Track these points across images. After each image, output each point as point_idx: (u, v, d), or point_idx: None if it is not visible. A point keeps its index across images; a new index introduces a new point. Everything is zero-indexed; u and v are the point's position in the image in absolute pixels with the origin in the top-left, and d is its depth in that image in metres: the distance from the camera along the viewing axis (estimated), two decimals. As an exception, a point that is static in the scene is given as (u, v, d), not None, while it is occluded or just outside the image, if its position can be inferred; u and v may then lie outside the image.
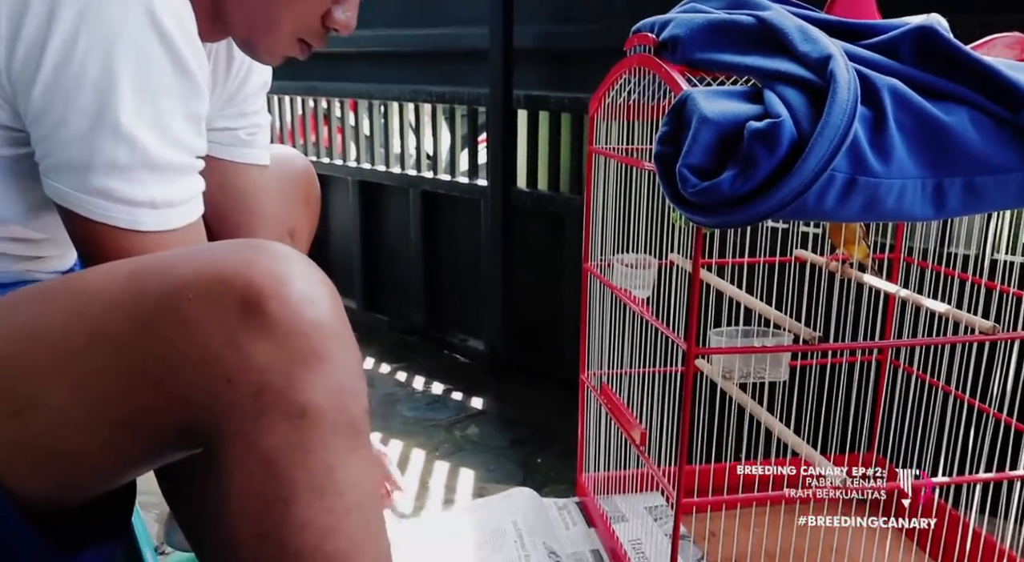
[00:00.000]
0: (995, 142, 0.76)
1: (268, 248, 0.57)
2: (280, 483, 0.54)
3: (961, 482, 0.92)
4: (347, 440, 0.56)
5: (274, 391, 0.53)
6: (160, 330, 0.54)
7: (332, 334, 0.56)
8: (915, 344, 1.10)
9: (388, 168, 2.22)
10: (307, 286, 0.55)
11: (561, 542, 1.14)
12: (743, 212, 0.71)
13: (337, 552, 0.56)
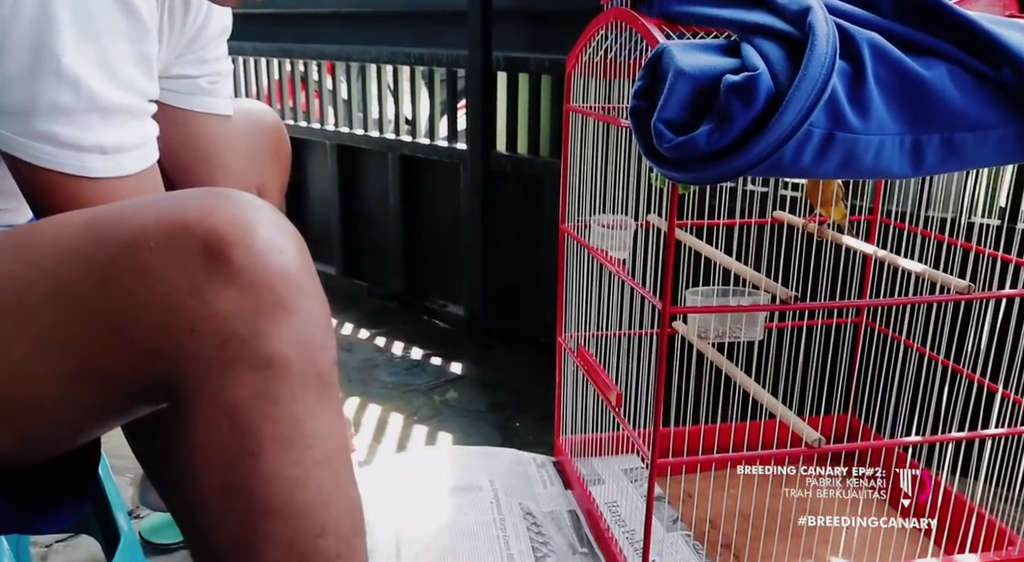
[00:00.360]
0: (975, 98, 0.75)
1: (232, 195, 0.55)
2: (247, 435, 0.53)
3: (934, 441, 0.93)
4: (315, 391, 0.55)
5: (239, 341, 0.52)
6: (120, 280, 0.53)
7: (299, 283, 0.54)
8: (891, 304, 1.10)
9: (367, 132, 2.19)
10: (273, 234, 0.54)
11: (538, 501, 1.14)
12: (719, 167, 0.69)
13: (307, 504, 0.55)
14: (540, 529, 1.07)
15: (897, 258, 0.95)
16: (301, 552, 0.55)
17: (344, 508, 0.58)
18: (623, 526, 1.00)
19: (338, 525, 0.57)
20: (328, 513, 0.56)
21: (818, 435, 0.84)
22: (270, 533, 0.54)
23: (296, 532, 0.55)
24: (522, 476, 1.20)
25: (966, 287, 0.84)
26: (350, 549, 0.59)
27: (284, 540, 0.54)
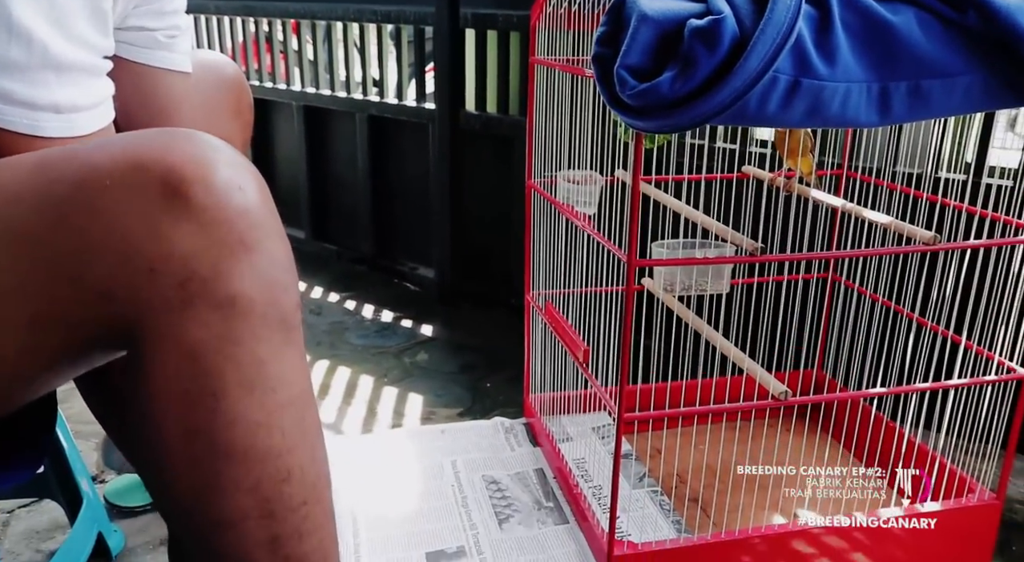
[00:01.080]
0: (942, 44, 0.74)
1: (190, 135, 0.53)
2: (208, 377, 0.51)
3: (897, 392, 0.93)
4: (279, 333, 0.53)
5: (200, 281, 0.50)
6: (73, 221, 0.50)
7: (261, 222, 0.53)
8: (856, 255, 1.10)
9: (334, 93, 2.14)
10: (233, 172, 0.52)
11: (506, 465, 1.14)
12: (683, 114, 0.68)
13: (271, 449, 0.54)
14: (504, 493, 1.07)
15: (864, 210, 0.94)
16: (266, 498, 0.54)
17: (309, 454, 0.57)
18: (591, 482, 1.00)
19: (304, 471, 0.56)
20: (293, 459, 0.55)
21: (784, 388, 0.84)
22: (234, 479, 0.53)
23: (261, 478, 0.53)
24: (488, 447, 1.19)
25: (932, 238, 0.84)
26: (316, 495, 0.57)
27: (248, 486, 0.53)
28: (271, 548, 0.55)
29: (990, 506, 0.96)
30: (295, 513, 0.56)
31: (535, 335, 1.17)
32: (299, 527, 0.56)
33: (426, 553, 0.97)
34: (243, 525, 0.54)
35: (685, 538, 0.90)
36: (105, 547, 1.01)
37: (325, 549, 0.59)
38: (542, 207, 1.10)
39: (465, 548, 0.97)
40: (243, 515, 0.54)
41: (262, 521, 0.54)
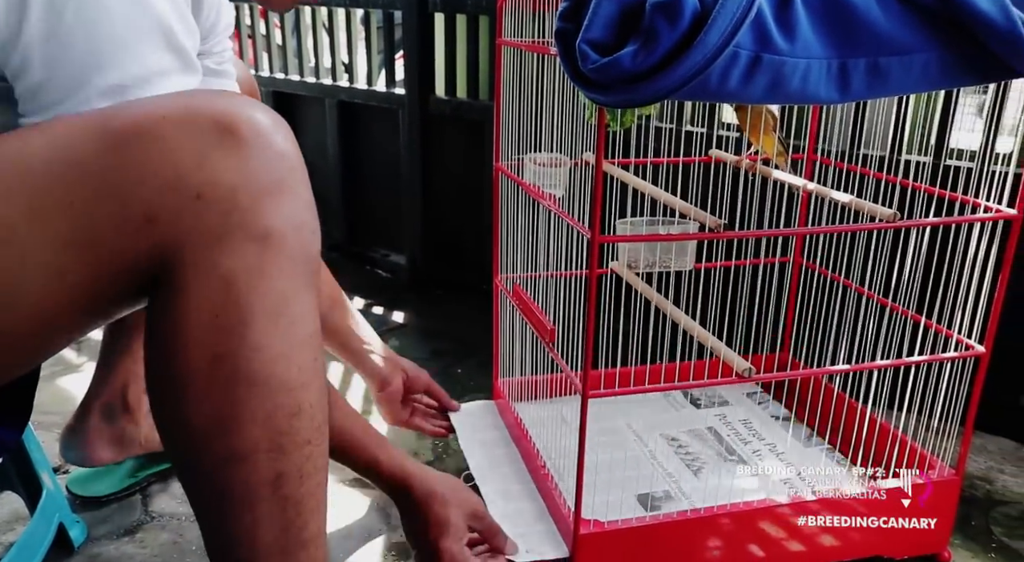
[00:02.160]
0: (899, 22, 0.74)
1: (236, 92, 0.62)
2: (238, 306, 0.54)
3: (859, 369, 0.95)
4: (303, 274, 0.57)
5: (241, 212, 0.54)
6: (129, 146, 0.54)
7: (297, 167, 0.57)
8: (816, 232, 1.12)
9: (303, 78, 2.12)
10: (275, 119, 0.57)
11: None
12: (644, 89, 0.68)
13: (288, 382, 0.57)
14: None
15: (826, 190, 0.95)
16: (277, 431, 0.57)
17: (319, 394, 0.60)
18: (557, 463, 1.00)
19: (313, 409, 0.59)
20: (305, 395, 0.58)
21: (748, 365, 0.84)
22: (251, 408, 0.56)
23: (275, 409, 0.56)
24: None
25: (891, 215, 0.85)
26: (319, 437, 0.61)
27: (262, 416, 0.56)
28: (274, 486, 0.58)
29: (950, 482, 0.97)
30: (300, 450, 0.59)
31: (503, 318, 1.17)
32: (301, 467, 0.59)
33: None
34: (253, 458, 0.57)
35: (651, 516, 0.91)
36: (67, 538, 0.99)
37: (319, 496, 0.62)
38: (510, 189, 1.09)
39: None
40: (254, 447, 0.56)
41: (271, 455, 0.57)
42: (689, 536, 0.91)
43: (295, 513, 0.60)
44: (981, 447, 1.29)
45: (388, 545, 1.03)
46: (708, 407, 1.23)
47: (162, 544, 1.02)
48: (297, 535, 0.61)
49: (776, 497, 0.95)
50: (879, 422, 1.06)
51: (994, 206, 0.89)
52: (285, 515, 0.59)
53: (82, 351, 1.56)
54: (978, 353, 0.93)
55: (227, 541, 0.60)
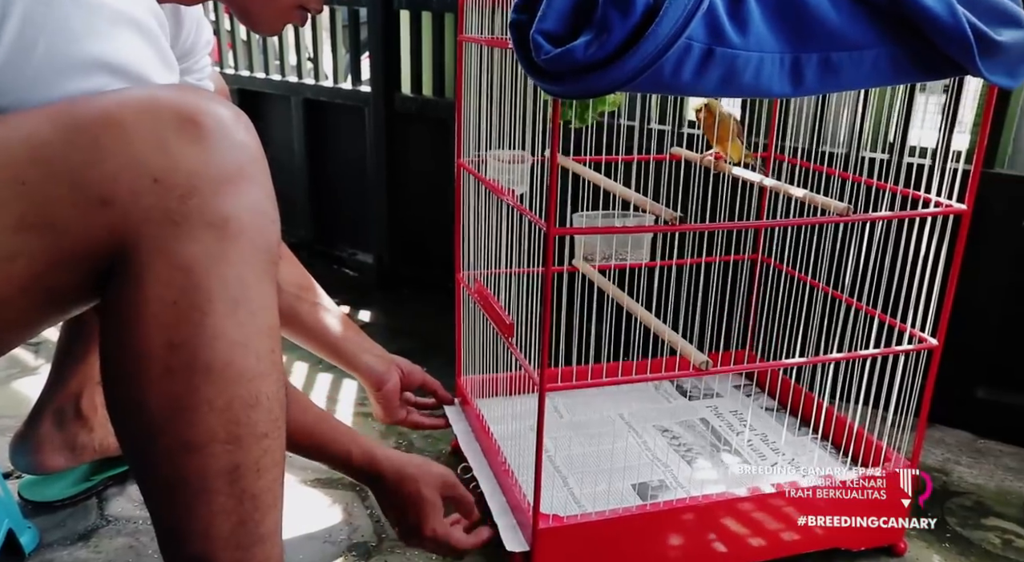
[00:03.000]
0: (850, 18, 0.75)
1: (201, 88, 0.64)
2: (197, 292, 0.54)
3: (814, 362, 0.95)
4: (263, 263, 0.57)
5: (200, 198, 0.54)
6: (88, 131, 0.53)
7: (259, 158, 0.58)
8: (769, 225, 1.13)
9: (268, 75, 2.10)
10: (237, 113, 0.58)
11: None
12: (597, 79, 0.68)
13: (246, 371, 0.56)
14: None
15: (781, 184, 0.96)
16: (234, 421, 0.56)
17: (277, 386, 0.60)
18: (518, 458, 1.00)
19: (270, 401, 0.59)
20: (263, 386, 0.58)
21: (705, 358, 0.85)
22: (208, 397, 0.55)
23: (233, 398, 0.56)
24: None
25: (844, 209, 0.86)
26: (277, 430, 0.60)
27: (220, 405, 0.56)
28: (231, 478, 0.58)
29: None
30: (258, 443, 0.58)
31: (465, 315, 1.16)
32: (259, 460, 0.59)
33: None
34: (209, 448, 0.56)
35: (611, 510, 0.91)
36: (17, 545, 0.96)
37: (276, 491, 0.62)
38: (472, 186, 1.09)
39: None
40: (211, 437, 0.56)
41: (227, 446, 0.56)
42: (651, 529, 0.92)
43: (252, 507, 0.59)
44: (939, 440, 1.31)
45: (349, 545, 1.03)
46: (699, 399, 1.24)
47: (117, 549, 1.00)
48: (254, 530, 0.60)
49: (736, 491, 0.95)
50: (835, 415, 1.08)
51: (944, 201, 0.91)
52: (242, 509, 0.59)
53: (40, 354, 1.53)
54: (931, 346, 0.94)
55: (181, 534, 0.59)
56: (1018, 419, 1.29)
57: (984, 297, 1.28)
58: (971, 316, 1.28)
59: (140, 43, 0.61)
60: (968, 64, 0.76)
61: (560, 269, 1.10)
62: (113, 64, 0.58)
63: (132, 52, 0.60)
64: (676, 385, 1.28)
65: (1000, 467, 1.24)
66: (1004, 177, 1.25)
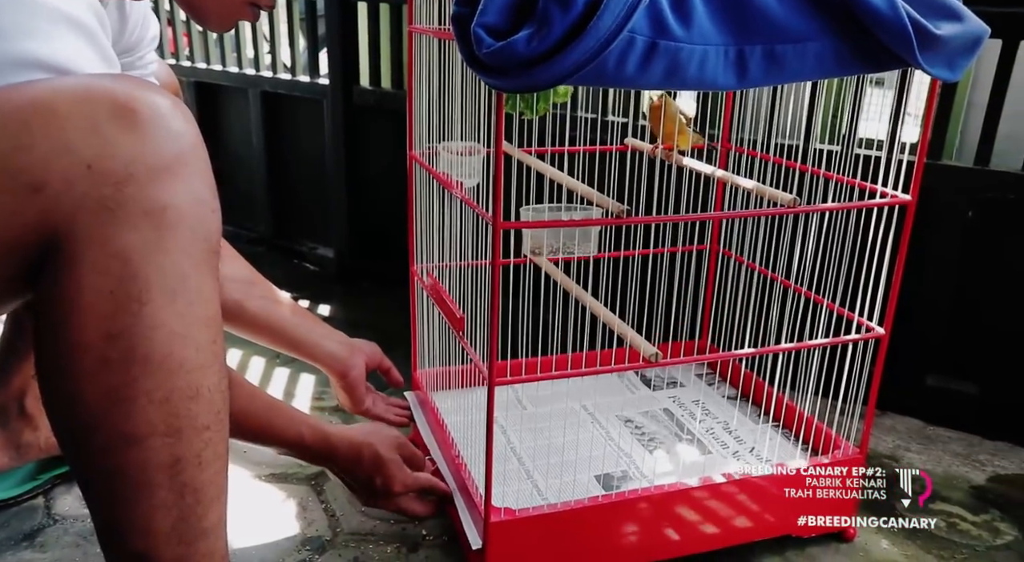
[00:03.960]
0: (793, 10, 0.76)
1: (139, 78, 0.58)
2: (135, 282, 0.53)
3: (763, 352, 0.96)
4: (202, 253, 0.56)
5: (137, 185, 0.53)
6: (19, 117, 0.52)
7: (197, 147, 0.57)
8: (719, 217, 1.14)
9: (225, 68, 2.07)
10: (176, 103, 0.57)
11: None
12: (539, 73, 0.67)
13: (186, 362, 0.55)
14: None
15: (731, 176, 0.97)
16: (174, 414, 0.56)
17: (219, 378, 0.59)
18: (471, 451, 1.00)
19: (211, 393, 0.58)
20: (204, 378, 0.57)
21: (655, 350, 0.85)
22: (147, 389, 0.54)
23: (172, 390, 0.55)
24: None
25: (791, 200, 0.87)
26: (219, 423, 0.59)
27: (159, 397, 0.55)
28: (171, 472, 0.57)
29: (854, 460, 1.00)
30: (199, 436, 0.57)
31: (420, 309, 1.16)
32: (200, 453, 0.58)
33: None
34: (149, 441, 0.55)
35: (563, 502, 0.91)
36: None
37: (219, 484, 0.61)
38: (425, 179, 1.08)
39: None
40: (150, 430, 0.55)
41: (167, 439, 0.55)
42: (607, 520, 0.92)
43: (194, 501, 0.59)
44: (891, 427, 1.34)
45: (304, 539, 1.02)
46: (662, 389, 1.25)
47: (65, 548, 0.99)
48: (196, 524, 0.59)
49: (690, 480, 0.96)
50: (792, 403, 1.09)
51: (891, 192, 0.92)
52: (183, 503, 0.58)
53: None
54: (878, 335, 0.95)
55: (122, 530, 0.58)
56: (965, 406, 1.32)
57: (933, 286, 1.30)
58: (921, 305, 1.31)
59: (78, 41, 0.60)
60: (908, 57, 0.77)
61: (508, 261, 1.10)
62: (49, 63, 0.57)
63: (69, 50, 0.59)
64: (640, 375, 1.28)
65: (948, 453, 1.26)
66: (952, 168, 1.27)
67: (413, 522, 1.04)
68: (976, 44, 0.81)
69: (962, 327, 1.31)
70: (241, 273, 1.07)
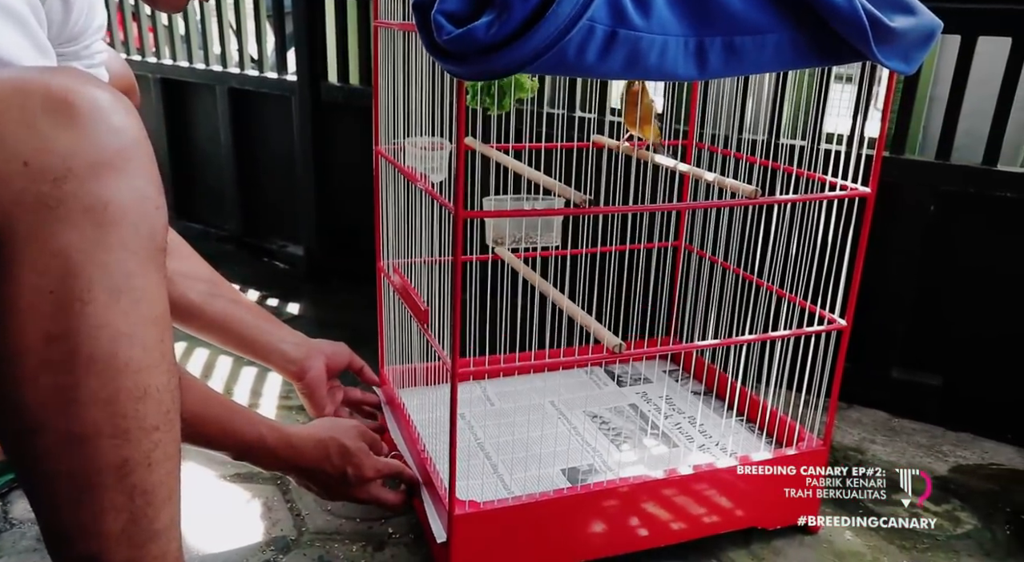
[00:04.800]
0: (752, 2, 0.76)
1: (78, 69, 0.57)
2: (76, 280, 0.52)
3: (727, 343, 0.97)
4: (147, 250, 0.55)
5: (76, 181, 0.51)
6: None
7: (139, 142, 0.55)
8: (681, 208, 1.14)
9: (192, 64, 2.04)
10: (116, 96, 0.55)
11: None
12: (498, 59, 0.67)
13: (132, 362, 0.54)
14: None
15: (695, 169, 0.97)
16: (120, 415, 0.54)
17: (168, 378, 0.57)
18: (436, 446, 0.99)
19: (160, 393, 0.56)
20: (151, 378, 0.55)
21: (618, 341, 0.85)
22: (92, 389, 0.53)
23: (118, 391, 0.54)
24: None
25: (753, 192, 0.87)
26: (168, 423, 0.58)
27: (105, 398, 0.53)
28: (120, 473, 0.55)
29: (818, 452, 1.01)
30: (148, 437, 0.56)
31: (387, 305, 1.15)
32: (150, 454, 0.56)
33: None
34: (95, 442, 0.53)
35: (527, 495, 0.91)
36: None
37: (170, 485, 0.59)
38: (392, 174, 1.08)
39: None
40: (96, 430, 0.53)
41: (114, 440, 0.54)
42: (572, 513, 0.92)
43: (144, 503, 0.57)
44: (857, 420, 1.35)
45: (269, 539, 1.01)
46: (630, 385, 1.25)
47: (21, 553, 0.96)
48: (147, 526, 0.58)
49: (655, 473, 0.96)
50: (758, 397, 1.09)
51: (850, 185, 0.93)
52: (133, 505, 0.57)
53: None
54: (840, 327, 0.96)
55: (70, 533, 0.57)
56: (929, 398, 1.34)
57: (897, 280, 1.32)
58: (885, 298, 1.32)
59: (10, 31, 0.58)
60: (864, 49, 0.78)
61: (470, 258, 1.09)
62: None
63: (1, 41, 0.57)
64: (607, 371, 1.28)
65: (912, 444, 1.28)
66: (915, 162, 1.28)
67: (380, 520, 1.04)
68: (930, 38, 0.82)
69: (925, 320, 1.33)
70: (200, 272, 1.05)
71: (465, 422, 1.12)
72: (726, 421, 1.13)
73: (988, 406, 1.31)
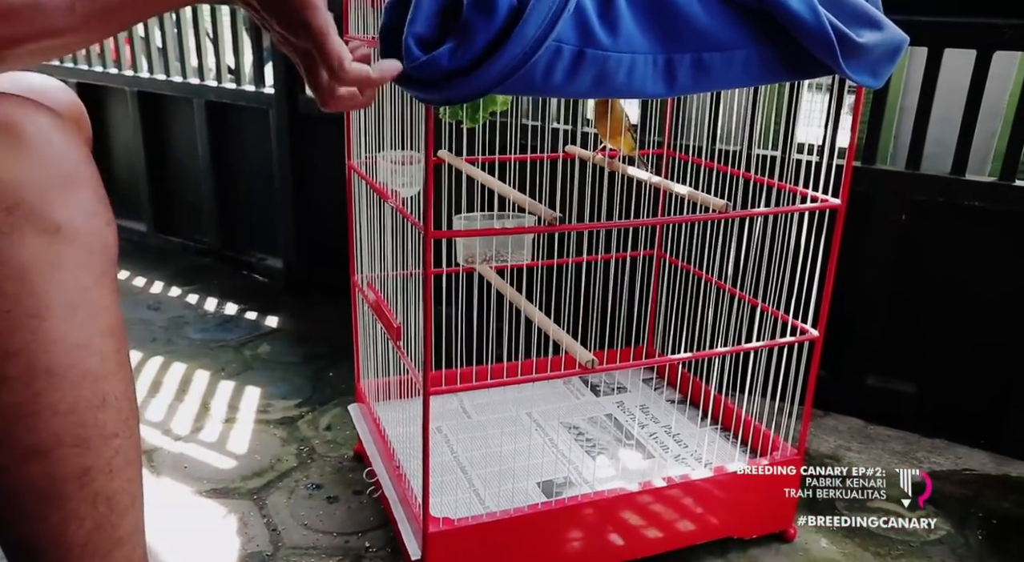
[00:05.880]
0: (719, 19, 0.77)
1: (16, 95, 0.56)
2: (32, 299, 0.53)
3: (701, 356, 0.97)
4: (100, 264, 0.56)
5: (28, 207, 0.52)
6: None
7: (86, 162, 0.56)
8: (652, 223, 1.15)
9: (169, 77, 2.03)
10: (58, 119, 0.56)
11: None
12: (464, 85, 0.67)
13: (90, 372, 0.55)
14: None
15: (668, 182, 0.98)
16: (80, 423, 0.55)
17: (125, 386, 0.59)
18: (413, 462, 0.99)
19: (119, 401, 0.58)
20: (109, 386, 0.57)
21: (590, 356, 0.85)
22: (51, 402, 0.54)
23: (77, 401, 0.55)
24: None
25: (724, 205, 0.88)
26: (128, 431, 0.59)
27: (64, 409, 0.55)
28: (81, 482, 0.56)
29: (792, 460, 1.02)
30: (108, 444, 0.57)
31: (362, 319, 1.15)
32: (110, 461, 0.57)
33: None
34: (56, 453, 0.55)
35: (502, 511, 0.91)
36: None
37: (133, 491, 0.60)
38: (364, 189, 1.08)
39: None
40: (57, 441, 0.54)
41: (75, 449, 0.55)
42: (549, 527, 0.92)
43: (107, 509, 0.58)
44: (833, 427, 1.36)
45: (244, 556, 1.00)
46: (607, 395, 1.25)
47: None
48: (111, 533, 0.59)
49: (631, 486, 0.96)
50: (733, 406, 1.10)
51: (821, 196, 0.94)
52: (96, 513, 0.57)
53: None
54: (812, 337, 0.97)
55: (34, 545, 0.57)
56: (904, 405, 1.35)
57: (871, 288, 1.33)
58: (860, 307, 1.34)
59: None
60: (832, 64, 0.79)
61: (440, 271, 1.09)
62: None
63: None
64: (586, 382, 1.29)
65: (887, 451, 1.29)
66: (885, 172, 1.30)
67: (357, 534, 1.03)
68: (896, 52, 0.83)
69: (899, 327, 1.34)
70: None
71: (442, 436, 1.13)
72: (702, 430, 1.13)
73: (962, 413, 1.32)
